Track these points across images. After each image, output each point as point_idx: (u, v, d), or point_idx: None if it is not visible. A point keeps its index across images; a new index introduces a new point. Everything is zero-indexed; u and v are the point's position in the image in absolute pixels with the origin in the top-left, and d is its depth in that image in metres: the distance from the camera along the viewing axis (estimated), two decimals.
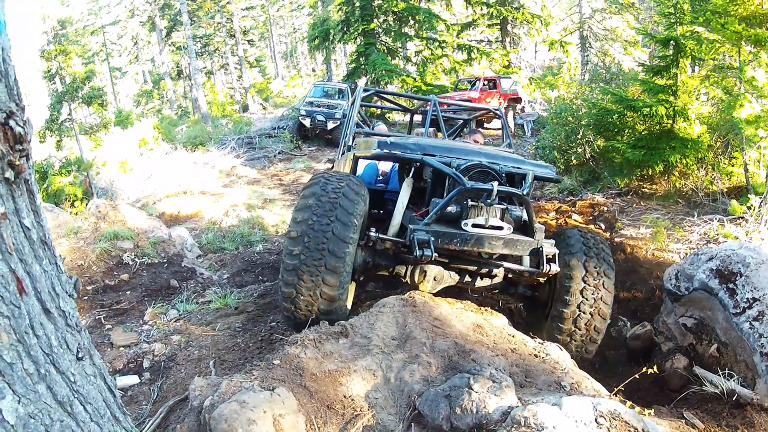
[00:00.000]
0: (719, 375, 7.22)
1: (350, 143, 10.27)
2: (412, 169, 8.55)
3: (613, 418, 5.07)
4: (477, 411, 5.10)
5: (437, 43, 35.74)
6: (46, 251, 2.99)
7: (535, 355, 6.72)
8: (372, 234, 7.67)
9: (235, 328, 8.07)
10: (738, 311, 7.62)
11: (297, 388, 5.14)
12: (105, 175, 21.44)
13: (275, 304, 9.18)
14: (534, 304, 9.36)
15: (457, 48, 36.33)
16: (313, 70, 79.05)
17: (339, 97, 32.73)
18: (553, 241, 8.18)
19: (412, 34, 35.53)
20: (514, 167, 8.30)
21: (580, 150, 19.39)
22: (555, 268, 7.79)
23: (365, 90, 11.59)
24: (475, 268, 8.36)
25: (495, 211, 7.56)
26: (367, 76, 33.34)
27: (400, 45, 36.07)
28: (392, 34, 34.38)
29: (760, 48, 14.55)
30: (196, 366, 6.89)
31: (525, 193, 7.70)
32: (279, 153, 29.22)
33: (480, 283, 8.60)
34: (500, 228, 7.53)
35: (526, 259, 8.49)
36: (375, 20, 33.58)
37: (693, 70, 19.43)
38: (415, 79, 33.98)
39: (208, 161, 25.83)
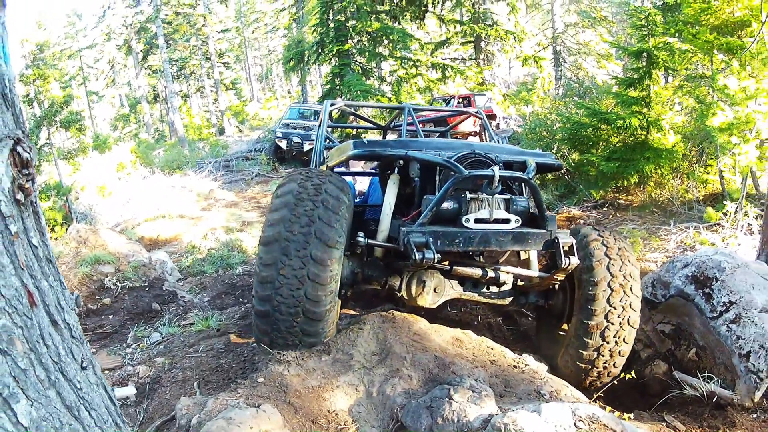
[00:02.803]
0: (699, 378, 7.32)
1: (321, 160, 9.59)
2: (396, 170, 7.47)
3: (592, 422, 5.12)
4: (458, 420, 5.14)
5: (411, 62, 35.76)
6: (51, 268, 3.11)
7: (515, 366, 6.74)
8: (360, 240, 6.76)
9: (217, 350, 7.93)
10: (715, 315, 7.71)
11: (282, 404, 5.15)
12: (84, 199, 21.42)
13: None
14: (547, 315, 8.39)
15: (432, 66, 36.37)
16: (289, 92, 79.07)
17: (315, 119, 32.29)
18: (567, 231, 7.35)
19: (387, 53, 35.61)
20: (511, 156, 7.46)
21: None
22: (575, 260, 6.82)
23: (332, 104, 11.03)
24: (480, 274, 7.33)
25: (498, 203, 6.73)
26: (343, 97, 33.44)
27: (374, 65, 36.14)
28: (367, 54, 34.46)
29: (731, 56, 14.70)
30: (180, 387, 6.80)
31: (531, 178, 6.74)
32: (256, 175, 29.31)
33: (486, 293, 7.75)
34: (507, 221, 6.70)
35: (534, 260, 7.72)
36: (349, 41, 33.67)
37: (666, 81, 19.59)
38: (390, 98, 34.05)
39: (185, 185, 25.86)
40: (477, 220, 6.53)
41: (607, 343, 7.13)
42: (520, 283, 7.78)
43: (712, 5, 15.49)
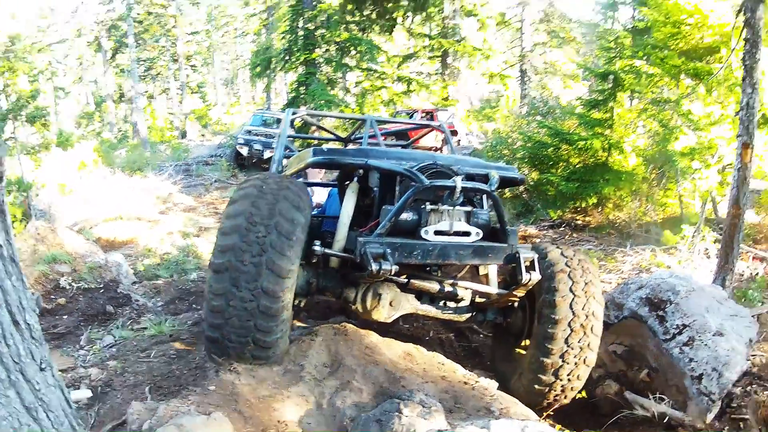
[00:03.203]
0: (650, 399, 7.31)
1: (280, 169, 9.15)
2: (355, 179, 7.27)
3: None
4: None
5: (377, 75, 35.79)
6: (14, 267, 3.09)
7: (465, 382, 6.68)
8: (317, 249, 6.48)
9: (170, 356, 7.81)
10: (668, 337, 7.73)
11: (232, 413, 5.08)
12: (44, 197, 21.19)
13: None
14: (505, 333, 8.14)
15: (397, 79, 36.42)
16: (253, 98, 78.94)
17: (277, 127, 31.12)
18: (530, 246, 7.36)
19: (353, 64, 35.67)
20: (473, 168, 7.25)
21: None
22: (536, 276, 6.59)
23: (294, 113, 10.87)
24: (438, 289, 7.19)
25: (459, 215, 6.59)
26: (307, 106, 33.40)
27: (340, 75, 36.18)
28: (333, 64, 34.46)
29: (698, 81, 14.78)
30: (132, 392, 6.63)
31: (493, 190, 6.60)
32: (216, 181, 29.18)
33: (443, 309, 7.49)
34: (467, 234, 6.56)
35: (493, 276, 7.59)
36: (317, 50, 33.68)
37: (631, 103, 19.69)
38: (353, 109, 34.08)
39: (145, 187, 25.70)
40: (437, 232, 6.39)
41: (567, 363, 6.88)
42: (478, 299, 7.59)
43: (682, 30, 15.60)
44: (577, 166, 17.24)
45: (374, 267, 5.76)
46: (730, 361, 7.37)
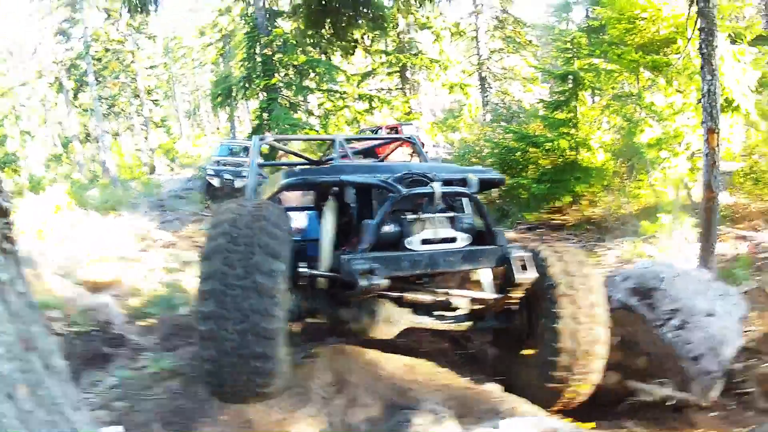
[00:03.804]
0: (653, 384, 7.41)
1: (253, 198, 8.91)
2: (331, 197, 7.08)
3: None
4: None
5: (338, 95, 35.78)
6: (35, 314, 3.19)
7: (468, 388, 6.83)
8: (302, 270, 6.28)
9: (174, 391, 7.82)
10: (660, 323, 7.84)
11: None
12: (23, 243, 21.11)
13: None
14: (508, 337, 7.81)
15: (359, 98, 36.35)
16: (218, 128, 78.53)
17: (245, 155, 32.05)
18: (520, 245, 7.27)
19: (314, 86, 35.69)
20: (450, 174, 7.03)
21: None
22: (531, 275, 6.47)
23: (261, 138, 10.71)
24: (431, 300, 6.99)
25: (442, 222, 6.51)
26: (272, 132, 33.34)
27: (302, 98, 36.07)
28: (293, 88, 34.39)
29: (658, 73, 14.99)
30: (143, 430, 6.66)
31: (473, 192, 6.66)
32: (191, 214, 29.15)
33: (441, 320, 7.22)
34: (454, 240, 6.48)
35: (488, 281, 7.40)
36: (276, 75, 33.65)
37: (593, 101, 19.90)
38: (318, 131, 34.10)
39: (122, 226, 25.63)
40: (423, 241, 6.34)
41: (578, 360, 6.65)
42: (476, 306, 7.28)
43: (637, 25, 15.79)
44: (547, 167, 17.41)
45: (363, 283, 5.71)
46: (725, 339, 7.57)
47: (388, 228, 6.34)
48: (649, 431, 6.85)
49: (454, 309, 7.22)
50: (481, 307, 7.31)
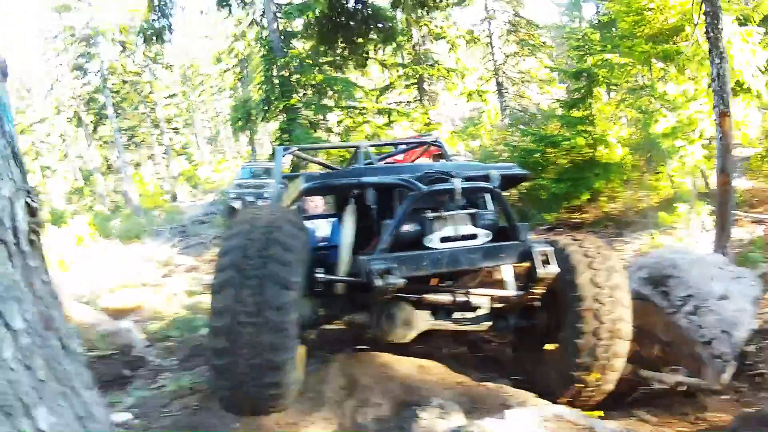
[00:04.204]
0: (665, 372, 7.37)
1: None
2: (352, 201, 6.92)
3: (558, 421, 5.15)
4: None
5: (357, 111, 35.75)
6: (56, 301, 3.41)
7: (480, 386, 6.74)
8: (319, 276, 6.25)
9: (192, 407, 7.78)
10: (674, 310, 7.77)
11: None
12: None
13: None
14: (530, 336, 7.69)
15: (378, 112, 36.37)
16: (239, 152, 78.83)
17: (267, 177, 32.28)
18: (543, 240, 7.07)
19: (332, 104, 35.70)
20: (472, 171, 6.75)
21: (506, 194, 19.40)
22: (553, 269, 6.31)
23: (285, 149, 10.68)
24: (451, 300, 6.91)
25: (463, 219, 6.37)
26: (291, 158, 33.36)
27: (321, 117, 36.09)
28: (313, 107, 34.37)
29: (669, 63, 14.92)
30: None
31: (495, 187, 6.42)
32: (214, 238, 29.21)
33: (461, 321, 7.16)
34: (475, 237, 6.33)
35: (510, 278, 7.34)
36: (295, 95, 33.64)
37: (609, 96, 19.85)
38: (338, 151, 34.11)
39: (144, 253, 25.77)
40: (443, 239, 6.19)
41: (598, 359, 6.54)
42: (497, 305, 7.31)
43: (645, 16, 15.73)
44: (566, 166, 17.32)
45: (379, 282, 5.57)
46: (738, 322, 7.48)
47: (408, 227, 6.23)
48: (660, 418, 6.74)
49: (475, 309, 7.15)
50: (502, 306, 7.29)
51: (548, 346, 7.34)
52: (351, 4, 29.15)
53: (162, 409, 7.93)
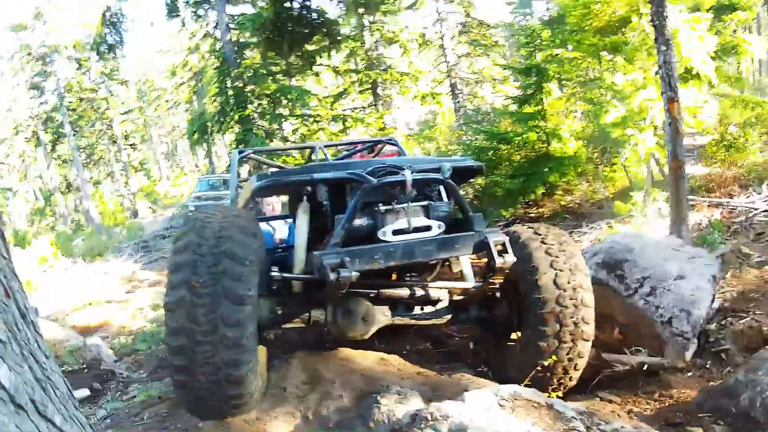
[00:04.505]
0: (627, 354, 7.48)
1: None
2: (305, 198, 6.79)
3: (515, 399, 5.22)
4: (388, 420, 5.32)
5: (312, 118, 35.70)
6: (15, 277, 3.39)
7: (441, 375, 6.84)
8: (275, 275, 6.27)
9: (162, 415, 7.79)
10: (631, 292, 7.91)
11: None
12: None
13: None
14: (493, 327, 7.70)
15: (333, 119, 36.28)
16: (196, 166, 78.42)
17: (225, 188, 32.36)
18: (498, 229, 7.05)
19: (287, 113, 35.63)
20: (424, 165, 6.80)
21: (463, 193, 19.48)
22: (510, 258, 6.27)
23: (240, 152, 10.32)
24: (409, 294, 6.81)
25: (416, 211, 6.35)
26: (248, 163, 33.33)
27: (276, 126, 36.04)
28: (267, 117, 34.39)
29: (617, 54, 15.09)
30: None
31: (447, 178, 6.41)
32: None
33: (421, 315, 7.12)
34: (428, 228, 6.30)
35: (468, 270, 7.25)
36: (249, 106, 33.59)
37: (561, 91, 19.99)
38: (294, 157, 34.00)
39: (108, 270, 25.63)
40: (395, 232, 6.15)
41: (564, 344, 6.58)
42: (457, 297, 7.27)
43: (593, 9, 15.83)
44: (520, 162, 17.40)
45: (332, 276, 5.53)
46: (696, 300, 7.62)
47: (361, 221, 6.22)
48: (625, 398, 6.86)
49: (435, 303, 7.14)
50: (462, 298, 7.26)
51: (513, 336, 7.35)
52: (297, 3, 29.20)
53: (133, 418, 7.96)
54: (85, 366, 11.47)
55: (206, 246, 5.28)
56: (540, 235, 6.96)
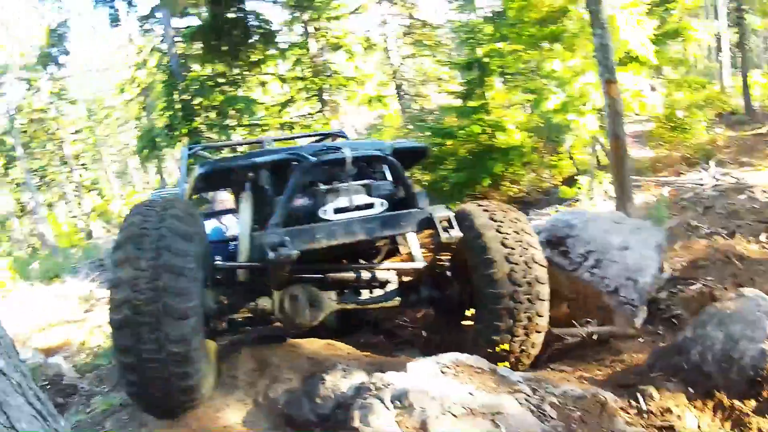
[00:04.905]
0: (576, 327, 7.48)
1: None
2: (247, 186, 6.80)
3: (457, 365, 5.37)
4: (334, 395, 5.45)
5: (260, 128, 35.60)
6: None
7: (388, 357, 7.02)
8: (219, 264, 6.45)
9: (123, 421, 7.78)
10: (576, 267, 8.02)
11: (181, 426, 5.39)
12: None
13: None
14: (446, 308, 7.65)
15: (280, 127, 36.17)
16: (148, 183, 77.97)
17: None
18: (443, 206, 6.71)
19: (235, 124, 35.58)
20: (367, 146, 7.14)
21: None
22: (456, 233, 6.21)
23: (190, 149, 10.53)
24: (355, 276, 6.93)
25: (358, 190, 6.35)
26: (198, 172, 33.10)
27: (225, 137, 36.04)
28: (216, 128, 34.32)
29: (556, 43, 15.26)
30: None
31: (387, 155, 6.48)
32: None
33: (369, 299, 7.11)
34: (371, 206, 6.30)
35: (417, 250, 7.34)
36: (197, 118, 33.49)
37: (504, 84, 20.16)
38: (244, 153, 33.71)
39: (66, 291, 25.45)
40: (337, 210, 6.16)
41: (520, 321, 6.48)
42: (406, 279, 7.30)
43: (531, 1, 15.99)
44: (465, 155, 17.49)
45: (272, 256, 5.51)
46: (642, 268, 7.78)
47: (301, 201, 6.22)
48: (577, 367, 6.93)
49: (384, 285, 7.15)
50: (411, 279, 7.31)
51: (468, 314, 7.37)
52: (233, 7, 29.36)
53: (96, 426, 8.00)
54: (47, 383, 11.48)
55: (145, 260, 5.10)
56: (489, 211, 6.80)
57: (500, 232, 6.53)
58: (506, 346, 6.54)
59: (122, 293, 4.99)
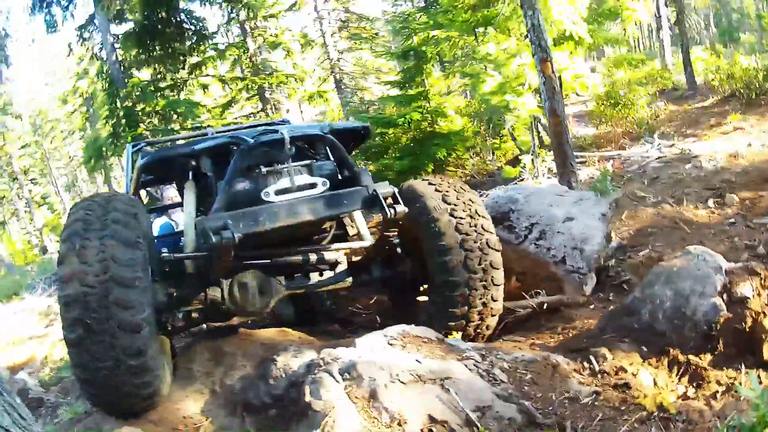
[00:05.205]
0: (526, 298, 7.63)
1: None
2: (189, 176, 6.79)
3: (404, 337, 5.56)
4: (286, 374, 5.62)
5: (203, 130, 35.46)
6: None
7: (340, 340, 6.99)
8: (165, 255, 6.31)
9: (88, 426, 7.89)
10: (521, 240, 8.27)
11: (142, 422, 5.41)
12: None
13: None
14: (400, 285, 7.76)
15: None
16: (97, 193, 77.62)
17: None
18: (386, 183, 6.50)
19: (178, 128, 35.45)
20: (307, 128, 7.02)
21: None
22: (401, 208, 6.17)
23: (134, 145, 10.13)
24: (302, 259, 6.88)
25: (299, 170, 6.25)
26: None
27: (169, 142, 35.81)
28: (160, 134, 34.15)
29: (490, 27, 15.44)
30: None
31: (326, 133, 6.46)
32: None
33: (320, 282, 7.03)
34: (313, 186, 6.21)
35: (365, 230, 7.22)
36: (141, 125, 33.37)
37: (444, 70, 20.35)
38: None
39: (25, 308, 25.42)
40: (279, 192, 6.07)
41: (476, 290, 6.51)
42: (356, 258, 7.27)
43: None
44: (407, 143, 17.72)
45: (215, 240, 5.44)
46: (587, 237, 8.03)
47: (243, 185, 6.18)
48: (530, 337, 7.10)
49: (334, 267, 7.16)
50: (360, 258, 7.29)
51: (422, 289, 7.49)
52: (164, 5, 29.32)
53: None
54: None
55: (92, 274, 4.95)
56: (441, 191, 6.78)
57: (454, 216, 6.55)
58: (465, 318, 6.62)
59: (74, 312, 4.91)
